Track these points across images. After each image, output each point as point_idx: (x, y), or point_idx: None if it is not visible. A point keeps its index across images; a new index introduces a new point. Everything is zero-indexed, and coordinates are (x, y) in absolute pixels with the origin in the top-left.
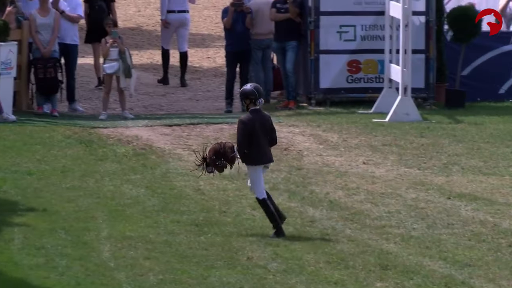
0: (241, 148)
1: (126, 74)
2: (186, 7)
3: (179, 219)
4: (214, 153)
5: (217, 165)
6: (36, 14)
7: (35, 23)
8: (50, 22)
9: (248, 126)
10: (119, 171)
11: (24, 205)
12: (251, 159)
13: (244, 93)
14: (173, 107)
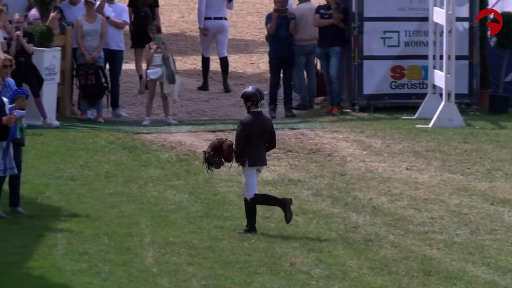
0: (238, 149)
1: (170, 80)
2: (223, 14)
3: (222, 224)
4: (212, 149)
5: (215, 161)
6: (82, 20)
7: (82, 29)
8: (96, 29)
9: (247, 127)
10: (162, 177)
11: (68, 210)
12: (245, 160)
13: (246, 95)
14: (217, 113)
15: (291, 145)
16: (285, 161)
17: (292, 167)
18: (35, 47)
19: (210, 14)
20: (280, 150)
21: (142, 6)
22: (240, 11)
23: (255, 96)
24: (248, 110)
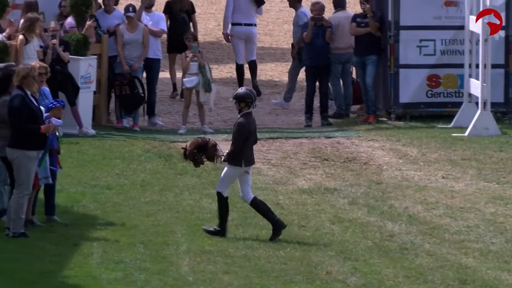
0: (237, 150)
1: (206, 89)
2: (253, 20)
3: (258, 233)
4: (195, 146)
5: (196, 159)
6: (123, 29)
7: (122, 38)
8: (137, 38)
9: (247, 129)
10: (198, 185)
11: (103, 219)
12: (238, 160)
13: (240, 96)
14: None
15: (327, 153)
16: (321, 170)
17: (328, 175)
18: (71, 56)
19: (240, 20)
20: (316, 158)
21: (179, 12)
22: (276, 20)
23: (249, 97)
24: (240, 111)
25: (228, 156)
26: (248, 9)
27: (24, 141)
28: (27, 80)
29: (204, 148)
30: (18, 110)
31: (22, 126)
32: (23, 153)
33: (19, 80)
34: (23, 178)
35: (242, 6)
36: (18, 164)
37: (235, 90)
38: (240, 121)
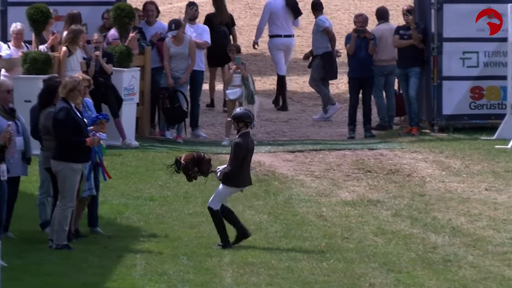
0: (234, 170)
1: (249, 100)
2: (291, 31)
3: (301, 245)
4: (190, 161)
5: (189, 174)
6: (170, 42)
7: (168, 51)
8: (184, 51)
9: (244, 150)
10: (241, 197)
11: (146, 231)
12: (234, 181)
13: (239, 116)
14: (296, 133)
15: (370, 165)
16: (364, 182)
17: (372, 187)
18: (114, 67)
19: (280, 32)
20: (360, 170)
21: (219, 25)
22: None
23: (248, 117)
24: (239, 131)
25: (224, 176)
26: (286, 21)
27: (69, 153)
28: (73, 93)
29: (199, 163)
30: (63, 123)
31: (68, 138)
32: (67, 166)
33: (65, 92)
34: (67, 191)
35: (280, 18)
36: (63, 176)
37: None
38: (238, 141)
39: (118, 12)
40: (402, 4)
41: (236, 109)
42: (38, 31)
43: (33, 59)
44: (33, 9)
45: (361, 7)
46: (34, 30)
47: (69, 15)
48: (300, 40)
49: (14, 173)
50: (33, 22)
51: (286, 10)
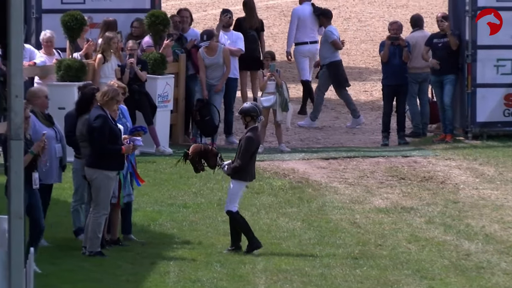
0: (244, 164)
1: (283, 108)
2: (316, 37)
3: (335, 252)
4: (197, 153)
5: (196, 166)
6: (203, 54)
7: (203, 62)
8: (218, 61)
9: (255, 144)
10: (275, 204)
11: (180, 238)
12: (243, 175)
13: (246, 110)
14: (330, 140)
15: (404, 172)
16: (398, 189)
17: (405, 194)
18: (149, 75)
19: (306, 39)
20: (393, 177)
21: (249, 30)
22: (354, 39)
23: (254, 111)
24: (247, 125)
25: (233, 170)
26: (312, 27)
27: (103, 161)
28: (112, 101)
29: (205, 156)
30: (100, 130)
31: (104, 146)
32: (102, 173)
33: (105, 100)
34: (101, 198)
35: (307, 25)
36: (97, 184)
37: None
38: (250, 135)
39: (153, 19)
40: (437, 11)
41: (244, 104)
42: (72, 39)
43: (67, 66)
44: (68, 16)
45: (395, 14)
46: (69, 38)
47: (104, 23)
48: None
49: (50, 181)
50: (68, 29)
51: (313, 17)
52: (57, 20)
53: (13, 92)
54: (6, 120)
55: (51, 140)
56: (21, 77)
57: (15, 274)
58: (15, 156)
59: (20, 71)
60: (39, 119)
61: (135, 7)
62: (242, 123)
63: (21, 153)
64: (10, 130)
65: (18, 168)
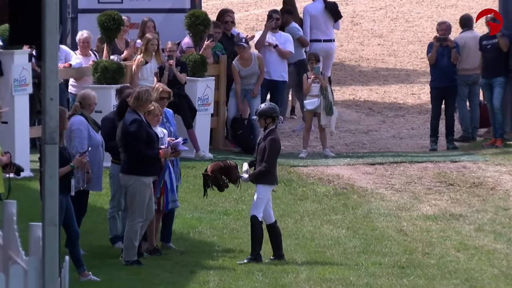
0: (270, 167)
1: (327, 111)
2: (331, 36)
3: (380, 261)
4: (218, 170)
5: (221, 184)
6: (238, 65)
7: (238, 74)
8: (254, 71)
9: (279, 145)
10: (319, 211)
11: (220, 246)
12: (270, 178)
13: (264, 111)
14: (376, 145)
15: (452, 178)
16: (447, 195)
17: (454, 201)
18: (188, 77)
19: (319, 36)
20: (441, 183)
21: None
22: (401, 40)
23: (275, 112)
24: (266, 128)
25: (259, 175)
26: (326, 25)
27: (139, 166)
28: (145, 104)
29: (227, 171)
30: (136, 135)
31: (140, 151)
32: (138, 179)
33: (137, 104)
34: (137, 205)
35: (320, 22)
36: (133, 191)
37: (358, 112)
38: (273, 137)
39: (193, 20)
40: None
41: (261, 105)
42: (109, 39)
43: (104, 68)
44: (105, 16)
45: (444, 14)
46: (106, 38)
47: (143, 23)
48: None
49: (94, 188)
50: (105, 29)
51: (326, 13)
52: (93, 20)
53: (48, 94)
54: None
55: (99, 146)
56: (56, 79)
57: (49, 283)
58: (50, 160)
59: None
60: (90, 124)
61: (174, 7)
62: (260, 125)
63: (56, 157)
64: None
65: (53, 173)
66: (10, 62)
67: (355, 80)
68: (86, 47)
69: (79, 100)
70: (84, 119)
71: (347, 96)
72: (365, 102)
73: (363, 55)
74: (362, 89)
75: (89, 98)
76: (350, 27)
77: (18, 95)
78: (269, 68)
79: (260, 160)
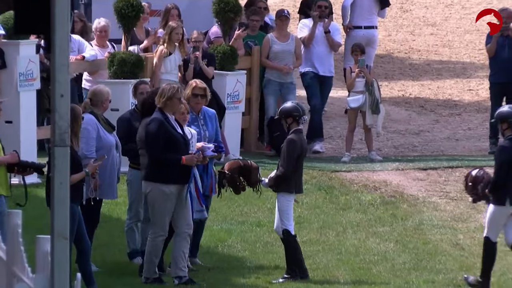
0: (288, 172)
1: (373, 110)
2: (374, 22)
3: (434, 278)
4: (236, 170)
5: (238, 185)
6: (273, 38)
7: (270, 49)
8: (289, 49)
9: (298, 147)
10: (364, 222)
11: (252, 262)
12: (288, 186)
13: (286, 111)
14: (429, 148)
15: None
16: None
17: None
18: (216, 71)
19: (360, 23)
20: None
21: None
22: (456, 29)
23: (296, 110)
24: (288, 128)
25: (276, 180)
26: (370, 10)
27: (160, 172)
28: (172, 101)
29: (246, 172)
30: (154, 136)
31: (158, 155)
32: (157, 187)
33: (162, 101)
34: (156, 216)
35: (364, 6)
36: (151, 200)
37: (407, 111)
38: (291, 137)
39: (222, 6)
40: None
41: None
42: (128, 28)
43: (122, 60)
44: (122, 2)
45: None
46: (123, 27)
47: (167, 10)
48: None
49: (107, 196)
50: (122, 17)
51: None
52: (109, 6)
53: (58, 90)
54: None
55: (112, 148)
56: (67, 73)
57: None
58: (60, 164)
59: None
60: (101, 123)
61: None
62: (283, 126)
63: (67, 161)
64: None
65: (63, 179)
66: (15, 54)
67: (404, 74)
68: (103, 36)
69: (89, 97)
70: (94, 118)
71: (395, 93)
72: (416, 99)
73: (413, 46)
74: (413, 85)
75: (101, 95)
76: (399, 15)
77: (24, 91)
78: (315, 62)
79: (280, 164)
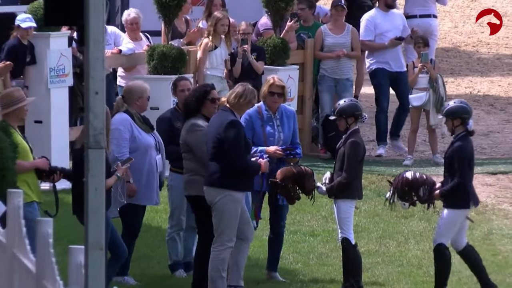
0: (351, 178)
1: (438, 108)
2: (431, 10)
3: None
4: (290, 178)
5: (292, 195)
6: (326, 30)
7: (323, 42)
8: (344, 42)
9: (362, 150)
10: (427, 232)
11: (306, 275)
12: (350, 192)
13: (344, 109)
14: (499, 150)
15: None
16: None
17: None
18: (266, 65)
19: (415, 11)
20: None
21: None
22: None
23: (357, 109)
24: (347, 128)
25: (339, 187)
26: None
27: (233, 179)
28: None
29: (301, 179)
30: (235, 142)
31: (242, 163)
32: (229, 194)
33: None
34: (225, 226)
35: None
36: (221, 208)
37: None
38: (355, 140)
39: None
40: None
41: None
42: (169, 19)
43: (162, 54)
44: None
45: None
46: (164, 18)
47: None
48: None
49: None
50: (163, 7)
51: None
52: None
53: (92, 88)
54: (83, 124)
55: (150, 149)
56: (102, 68)
57: None
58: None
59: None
60: (137, 123)
61: None
62: (340, 127)
63: (102, 165)
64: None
65: (99, 184)
66: (45, 47)
67: (472, 69)
68: (135, 29)
69: (123, 94)
70: (129, 117)
71: (462, 90)
72: (485, 96)
73: (482, 39)
74: (481, 81)
75: (136, 91)
76: (466, 4)
77: (55, 88)
78: (387, 57)
79: (339, 169)
